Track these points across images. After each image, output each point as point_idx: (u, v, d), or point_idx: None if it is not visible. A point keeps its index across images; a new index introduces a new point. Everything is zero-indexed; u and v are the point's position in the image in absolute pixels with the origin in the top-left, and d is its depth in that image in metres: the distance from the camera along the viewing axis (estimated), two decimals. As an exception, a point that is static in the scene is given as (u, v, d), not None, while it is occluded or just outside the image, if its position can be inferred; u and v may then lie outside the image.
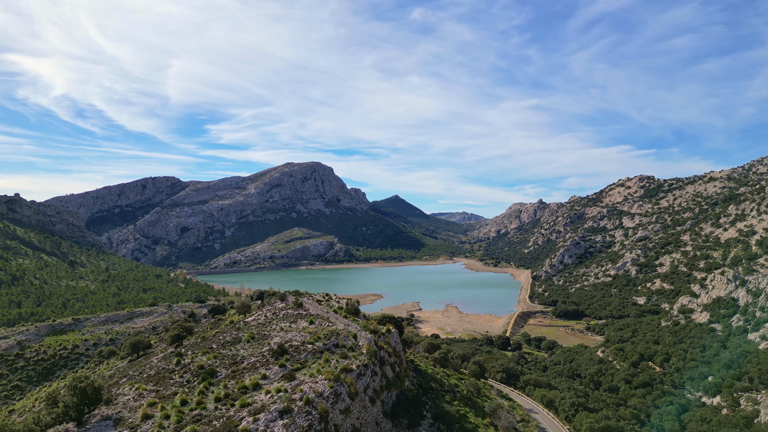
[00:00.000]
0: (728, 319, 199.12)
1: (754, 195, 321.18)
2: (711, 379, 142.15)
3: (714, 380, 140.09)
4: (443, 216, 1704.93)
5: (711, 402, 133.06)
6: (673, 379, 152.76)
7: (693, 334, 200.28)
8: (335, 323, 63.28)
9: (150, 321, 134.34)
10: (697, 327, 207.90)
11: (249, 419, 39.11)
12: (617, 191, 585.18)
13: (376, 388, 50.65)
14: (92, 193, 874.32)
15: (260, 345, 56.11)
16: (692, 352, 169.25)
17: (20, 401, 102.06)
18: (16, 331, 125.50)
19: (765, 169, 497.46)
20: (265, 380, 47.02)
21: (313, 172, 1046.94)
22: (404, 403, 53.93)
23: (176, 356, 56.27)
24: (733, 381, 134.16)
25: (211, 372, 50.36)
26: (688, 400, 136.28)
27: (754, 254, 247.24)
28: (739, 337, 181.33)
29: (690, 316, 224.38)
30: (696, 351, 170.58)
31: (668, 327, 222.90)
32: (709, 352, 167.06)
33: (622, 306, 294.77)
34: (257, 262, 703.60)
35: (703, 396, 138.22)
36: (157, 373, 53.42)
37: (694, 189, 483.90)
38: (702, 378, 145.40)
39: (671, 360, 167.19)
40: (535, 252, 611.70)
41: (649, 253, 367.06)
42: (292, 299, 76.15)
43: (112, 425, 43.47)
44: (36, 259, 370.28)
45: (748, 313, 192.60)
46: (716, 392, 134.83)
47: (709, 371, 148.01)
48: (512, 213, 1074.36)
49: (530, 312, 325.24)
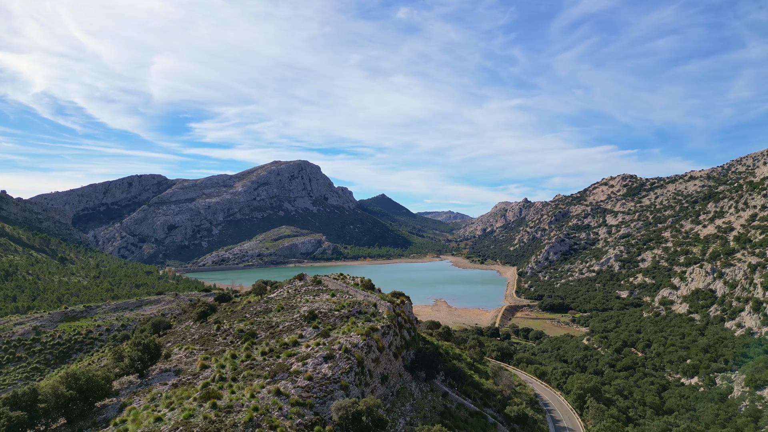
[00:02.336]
0: (706, 309, 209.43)
1: (732, 193, 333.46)
2: (689, 361, 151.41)
3: (692, 363, 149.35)
4: (429, 215, 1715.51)
5: (689, 382, 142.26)
6: (654, 362, 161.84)
7: (673, 323, 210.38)
8: (355, 295, 70.24)
9: (159, 308, 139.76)
10: (677, 317, 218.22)
11: (298, 363, 45.89)
12: (601, 190, 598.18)
13: (398, 345, 57.70)
14: (77, 191, 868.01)
15: (291, 313, 62.87)
16: (672, 339, 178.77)
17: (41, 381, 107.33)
18: (31, 317, 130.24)
19: (743, 169, 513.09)
20: (303, 338, 53.78)
21: (300, 170, 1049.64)
22: (422, 359, 61.15)
23: (215, 323, 62.73)
24: (709, 363, 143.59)
25: (252, 334, 56.96)
26: (667, 381, 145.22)
27: (731, 249, 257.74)
28: (717, 325, 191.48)
29: (670, 307, 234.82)
30: (676, 338, 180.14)
31: (650, 318, 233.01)
32: (688, 338, 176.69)
33: (605, 299, 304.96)
34: (245, 259, 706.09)
35: (681, 377, 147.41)
36: (201, 337, 59.88)
37: (675, 188, 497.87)
38: (681, 361, 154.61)
39: (652, 346, 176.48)
40: (520, 249, 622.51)
41: (631, 249, 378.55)
42: (310, 278, 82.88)
43: (173, 375, 49.90)
44: (26, 255, 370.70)
45: (725, 303, 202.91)
46: (694, 373, 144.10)
47: (687, 355, 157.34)
48: (498, 212, 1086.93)
49: (517, 306, 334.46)
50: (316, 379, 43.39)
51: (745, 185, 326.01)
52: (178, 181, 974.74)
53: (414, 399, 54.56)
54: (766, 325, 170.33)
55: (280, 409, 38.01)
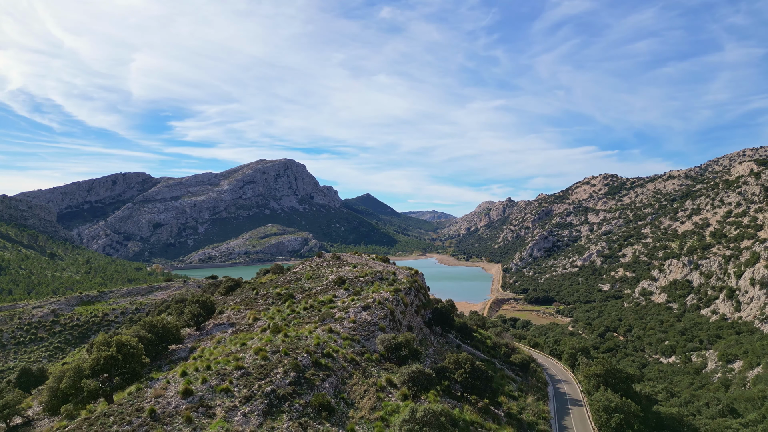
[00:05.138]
0: (683, 298, 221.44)
1: (709, 191, 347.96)
2: (667, 343, 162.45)
3: (670, 344, 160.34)
4: (414, 214, 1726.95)
5: (667, 361, 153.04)
6: (634, 345, 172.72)
7: (652, 312, 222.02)
8: (374, 266, 78.53)
9: (169, 293, 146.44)
10: (656, 306, 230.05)
11: (341, 312, 54.15)
12: (583, 189, 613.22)
13: (417, 304, 66.21)
14: (61, 189, 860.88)
15: (320, 280, 70.97)
16: (651, 323, 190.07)
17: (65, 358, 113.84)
18: (48, 301, 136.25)
19: (720, 169, 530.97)
20: (337, 297, 61.95)
21: (286, 169, 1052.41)
22: (438, 315, 69.86)
23: (253, 290, 70.59)
24: (686, 343, 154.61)
25: (290, 295, 64.98)
26: (647, 360, 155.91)
27: (708, 244, 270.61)
28: (693, 313, 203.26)
29: (650, 298, 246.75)
30: (655, 323, 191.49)
31: (630, 307, 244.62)
32: (666, 324, 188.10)
33: (588, 292, 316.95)
34: (232, 257, 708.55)
35: (660, 357, 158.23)
36: (242, 300, 67.72)
37: (655, 186, 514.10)
38: (659, 342, 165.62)
39: (633, 330, 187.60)
40: (504, 247, 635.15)
41: (612, 245, 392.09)
42: (329, 255, 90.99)
43: (229, 327, 57.81)
44: (15, 251, 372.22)
45: (701, 293, 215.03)
46: (671, 353, 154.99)
47: (665, 337, 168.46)
48: (482, 211, 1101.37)
49: (503, 299, 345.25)
50: (358, 322, 51.63)
51: (721, 183, 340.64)
52: (163, 179, 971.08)
53: (434, 347, 62.94)
54: (739, 310, 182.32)
55: (335, 342, 46.19)
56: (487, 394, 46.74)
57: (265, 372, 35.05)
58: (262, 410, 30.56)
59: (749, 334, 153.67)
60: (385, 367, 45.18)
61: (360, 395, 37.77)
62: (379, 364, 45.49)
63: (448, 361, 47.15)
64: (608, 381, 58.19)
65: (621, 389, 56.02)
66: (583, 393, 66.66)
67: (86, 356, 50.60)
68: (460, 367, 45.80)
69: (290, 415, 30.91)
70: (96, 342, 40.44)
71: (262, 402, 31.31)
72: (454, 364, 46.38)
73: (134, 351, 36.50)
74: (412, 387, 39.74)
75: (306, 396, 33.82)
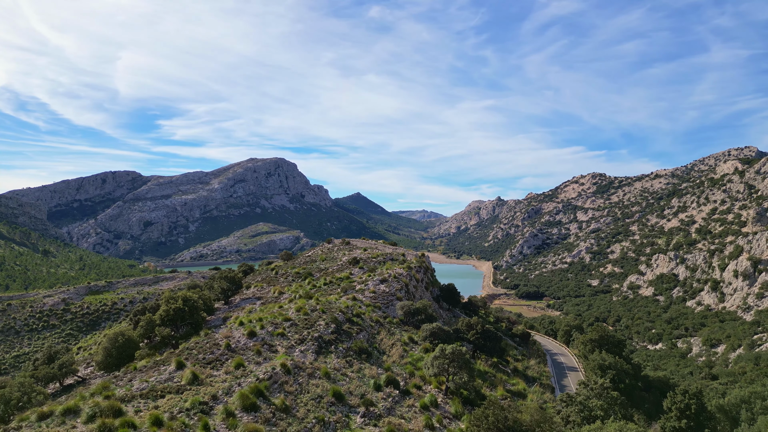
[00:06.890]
0: (670, 291, 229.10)
1: (695, 189, 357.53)
2: (654, 331, 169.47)
3: (656, 332, 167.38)
4: (404, 214, 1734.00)
5: (654, 347, 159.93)
6: (623, 333, 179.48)
7: (640, 304, 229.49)
8: (384, 249, 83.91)
9: (175, 284, 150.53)
10: (644, 299, 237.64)
11: (361, 285, 59.46)
12: (572, 188, 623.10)
13: (426, 281, 71.70)
14: (50, 187, 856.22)
15: (334, 261, 76.20)
16: (639, 314, 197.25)
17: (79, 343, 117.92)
18: (58, 291, 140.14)
19: (705, 168, 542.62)
20: (353, 275, 67.23)
21: (277, 168, 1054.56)
22: (446, 292, 75.57)
23: (273, 270, 75.61)
24: (672, 330, 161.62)
25: (309, 273, 70.11)
26: (635, 347, 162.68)
27: (693, 240, 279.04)
28: (679, 304, 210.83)
29: (638, 291, 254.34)
30: (642, 314, 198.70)
31: (619, 301, 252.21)
32: (653, 314, 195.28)
33: (578, 287, 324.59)
34: (224, 255, 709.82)
35: (648, 344, 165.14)
36: (263, 279, 72.75)
37: (642, 185, 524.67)
38: (647, 331, 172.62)
39: (622, 320, 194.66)
40: (495, 245, 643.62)
41: (601, 242, 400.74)
42: (338, 240, 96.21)
43: (256, 300, 62.85)
44: (8, 248, 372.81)
45: (686, 285, 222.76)
46: (658, 340, 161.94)
47: (652, 326, 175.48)
48: (471, 210, 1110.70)
49: (495, 294, 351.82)
50: (378, 292, 56.98)
51: (706, 182, 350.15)
52: (153, 177, 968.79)
53: (444, 319, 68.36)
54: (723, 301, 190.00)
55: (359, 308, 51.47)
56: (496, 353, 52.28)
57: (309, 323, 40.33)
58: (314, 349, 35.84)
59: (732, 321, 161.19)
60: (405, 329, 50.59)
61: (389, 347, 43.12)
62: (400, 326, 50.88)
63: (461, 324, 52.64)
64: (602, 345, 64.05)
65: (614, 352, 61.83)
66: (578, 359, 72.64)
67: (122, 328, 55.37)
68: (472, 328, 51.24)
69: (337, 355, 36.30)
70: (163, 297, 45.23)
71: (313, 344, 36.62)
72: (467, 327, 51.83)
73: (197, 304, 41.33)
74: (434, 341, 45.11)
75: (346, 342, 39.23)
